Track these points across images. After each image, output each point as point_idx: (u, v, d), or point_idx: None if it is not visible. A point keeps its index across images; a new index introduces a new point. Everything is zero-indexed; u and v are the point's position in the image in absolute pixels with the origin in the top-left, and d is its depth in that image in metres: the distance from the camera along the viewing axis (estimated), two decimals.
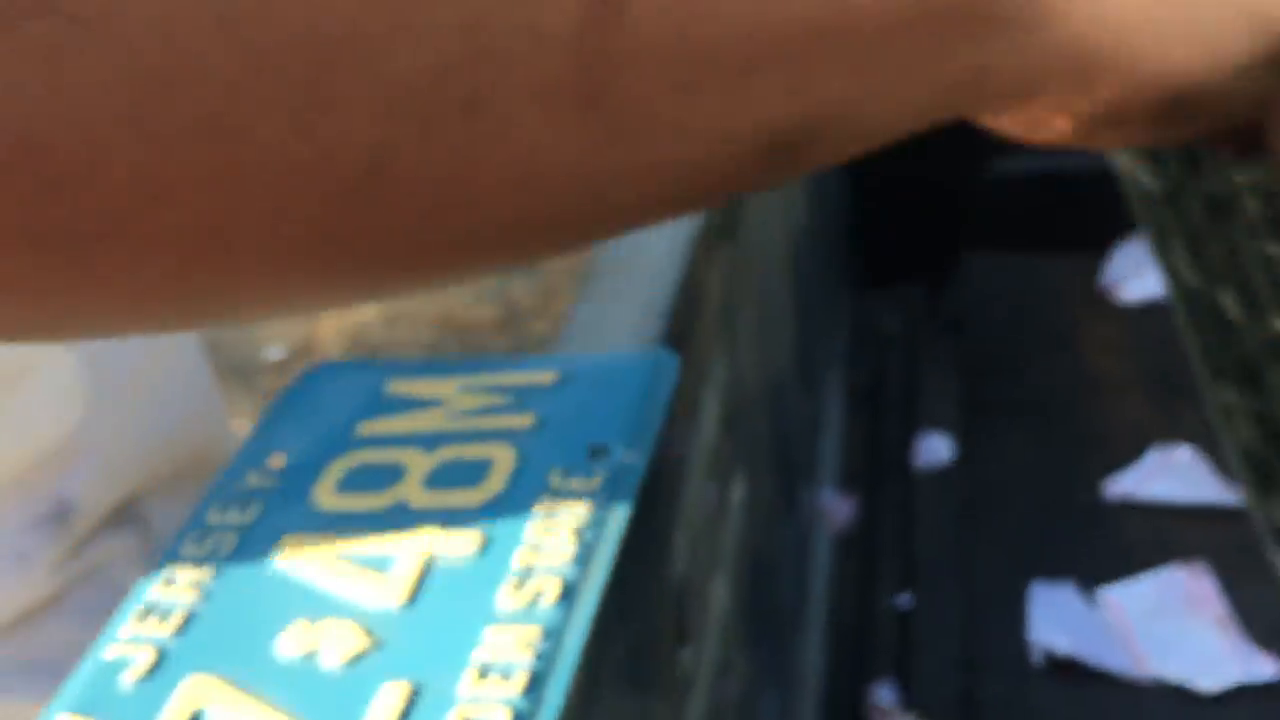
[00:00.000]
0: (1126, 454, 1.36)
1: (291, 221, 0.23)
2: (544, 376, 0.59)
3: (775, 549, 1.16)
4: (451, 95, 0.22)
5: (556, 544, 0.45)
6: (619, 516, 0.48)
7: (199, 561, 0.45)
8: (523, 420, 0.55)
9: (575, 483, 0.51)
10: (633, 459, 0.52)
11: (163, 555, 0.45)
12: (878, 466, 1.47)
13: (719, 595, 0.84)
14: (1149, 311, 1.57)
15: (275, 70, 0.20)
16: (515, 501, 0.49)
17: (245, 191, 0.21)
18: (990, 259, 1.69)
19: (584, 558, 0.44)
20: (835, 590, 1.32)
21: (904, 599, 1.28)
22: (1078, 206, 1.65)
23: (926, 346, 1.64)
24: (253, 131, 0.21)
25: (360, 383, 0.60)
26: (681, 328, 0.70)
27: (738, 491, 0.95)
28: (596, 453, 0.53)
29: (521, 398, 0.58)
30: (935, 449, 1.45)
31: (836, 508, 1.41)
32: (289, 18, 0.20)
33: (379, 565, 0.44)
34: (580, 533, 0.46)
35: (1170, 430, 1.38)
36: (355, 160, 0.22)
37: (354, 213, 0.23)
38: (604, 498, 0.49)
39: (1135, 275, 1.60)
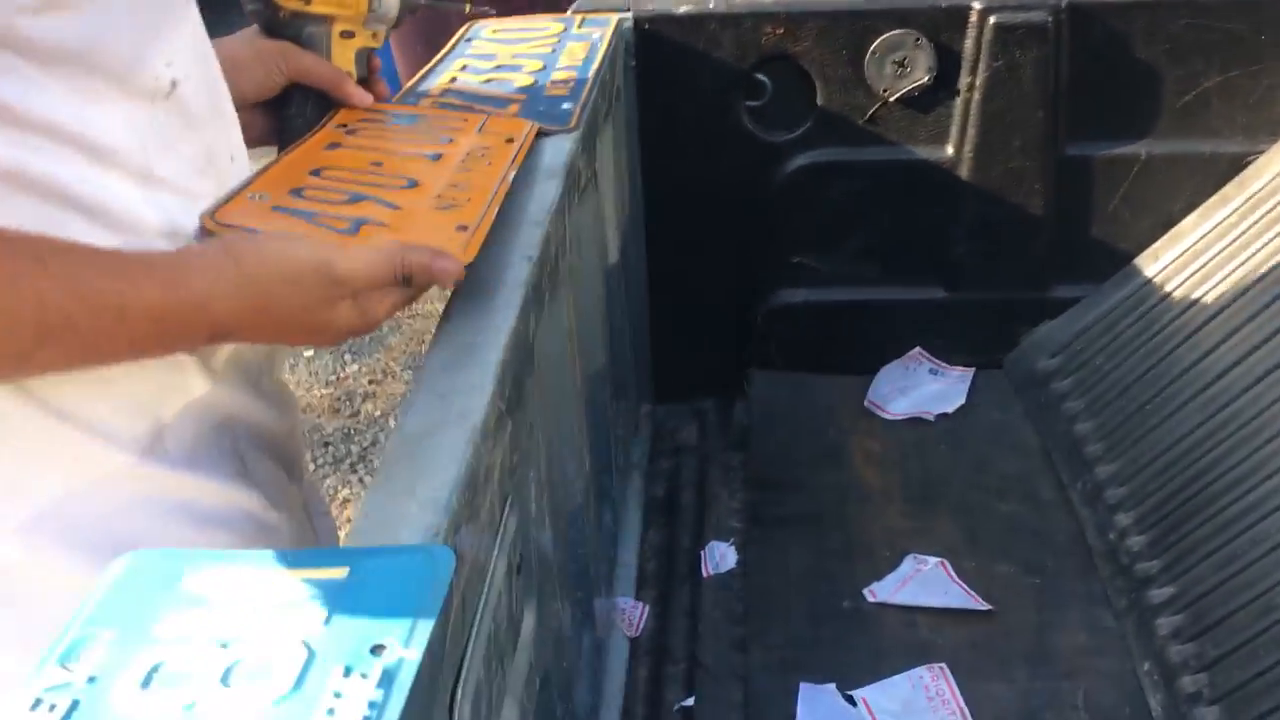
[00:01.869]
0: (886, 561, 1.53)
1: None
2: (334, 572, 0.69)
3: (569, 662, 1.27)
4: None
5: None
6: (394, 711, 0.59)
7: None
8: (312, 617, 0.65)
9: (355, 680, 0.61)
10: (410, 654, 0.63)
11: None
12: (670, 574, 1.60)
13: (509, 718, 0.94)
14: (909, 426, 1.77)
15: None
16: (300, 700, 0.59)
17: None
18: (773, 376, 1.86)
19: None
20: (629, 692, 1.44)
21: (689, 700, 1.41)
22: (848, 333, 1.84)
23: (716, 459, 1.79)
24: None
25: (167, 571, 0.68)
26: (466, 511, 0.80)
27: (528, 624, 1.06)
28: (377, 649, 0.63)
29: (313, 593, 0.67)
30: (721, 558, 1.60)
31: (631, 614, 1.53)
32: None
33: None
34: None
35: (923, 539, 1.56)
36: None
37: None
38: (382, 693, 0.60)
39: (897, 394, 1.80)
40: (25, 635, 0.79)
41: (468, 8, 1.43)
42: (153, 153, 0.80)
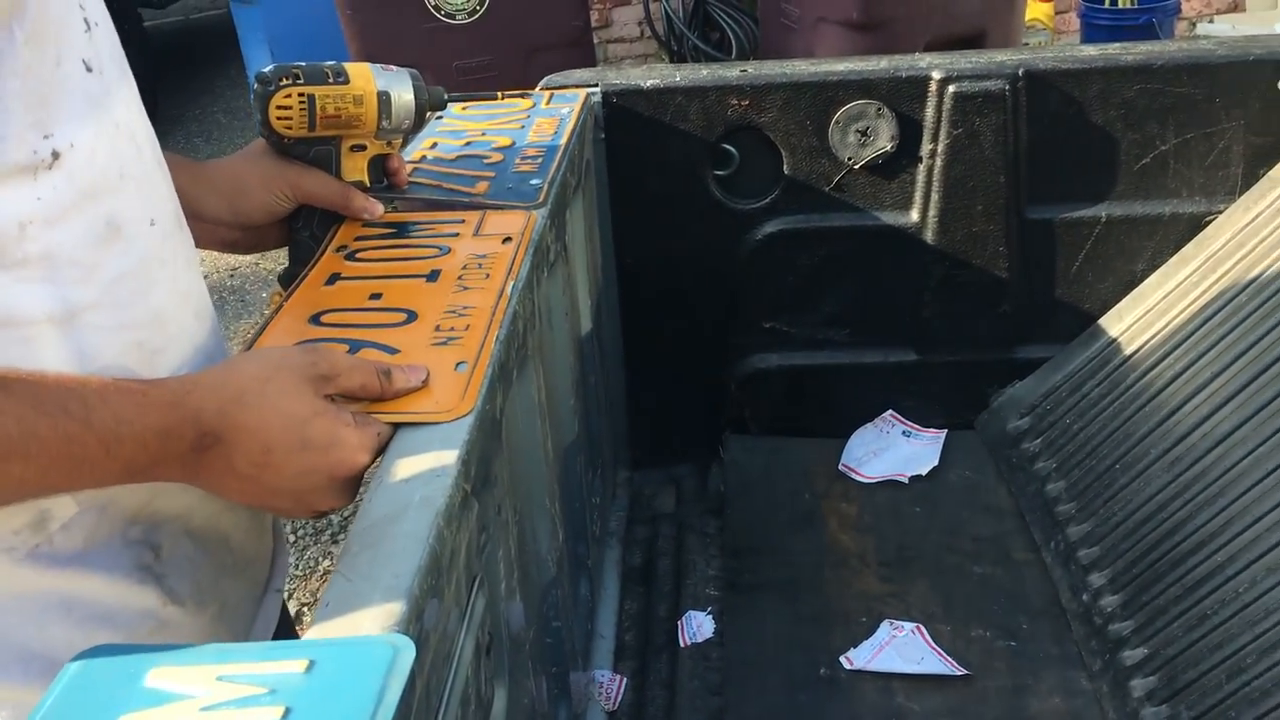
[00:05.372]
0: (863, 627, 1.53)
1: None
2: (294, 665, 0.69)
3: None
4: None
5: None
6: None
7: None
8: (272, 713, 0.65)
9: None
10: None
11: None
12: (647, 644, 1.60)
13: None
14: (884, 489, 1.78)
15: None
16: None
17: None
18: (748, 441, 1.87)
19: None
20: None
21: None
22: (821, 396, 1.85)
23: (693, 526, 1.79)
24: None
25: (125, 670, 0.68)
26: (430, 596, 0.81)
27: (499, 703, 1.05)
28: None
29: (273, 687, 0.67)
30: (699, 627, 1.59)
31: (609, 687, 1.52)
32: None
33: None
34: None
35: (899, 603, 1.57)
36: None
37: None
38: None
39: (871, 456, 1.81)
40: None
41: (500, 96, 1.45)
42: (36, 229, 0.76)
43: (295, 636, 1.09)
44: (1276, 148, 1.62)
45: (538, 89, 1.70)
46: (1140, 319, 1.68)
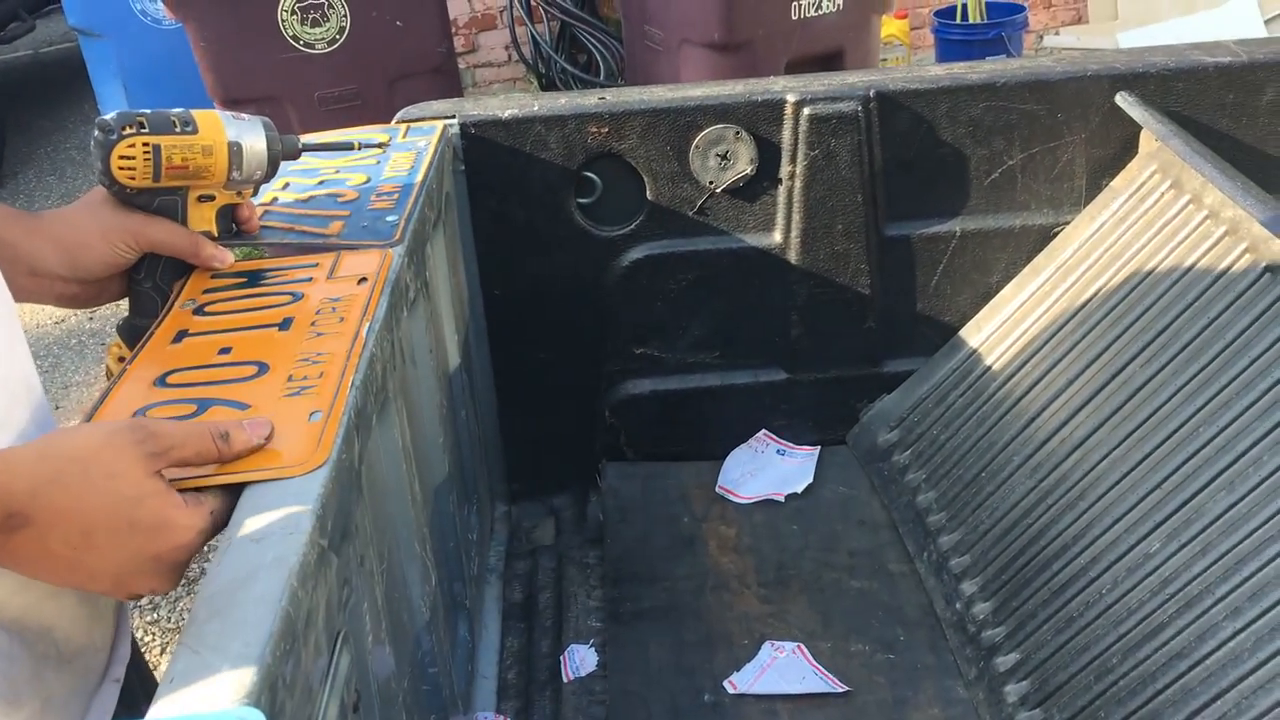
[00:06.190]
0: (745, 650, 1.53)
1: None
2: None
3: None
4: None
5: None
6: None
7: None
8: None
9: None
10: None
11: None
12: (530, 681, 1.57)
13: None
14: (761, 508, 1.79)
15: None
16: None
17: None
18: (625, 468, 1.86)
19: None
20: None
21: None
22: (695, 419, 1.86)
23: (573, 557, 1.78)
24: None
25: None
26: (286, 662, 0.78)
27: None
28: None
29: None
30: (582, 660, 1.58)
31: None
32: None
33: None
34: None
35: (780, 623, 1.57)
36: None
37: None
38: None
39: (748, 477, 1.82)
40: None
41: (357, 146, 1.42)
42: None
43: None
44: (1116, 159, 1.68)
45: (394, 122, 1.67)
46: (998, 329, 1.73)
